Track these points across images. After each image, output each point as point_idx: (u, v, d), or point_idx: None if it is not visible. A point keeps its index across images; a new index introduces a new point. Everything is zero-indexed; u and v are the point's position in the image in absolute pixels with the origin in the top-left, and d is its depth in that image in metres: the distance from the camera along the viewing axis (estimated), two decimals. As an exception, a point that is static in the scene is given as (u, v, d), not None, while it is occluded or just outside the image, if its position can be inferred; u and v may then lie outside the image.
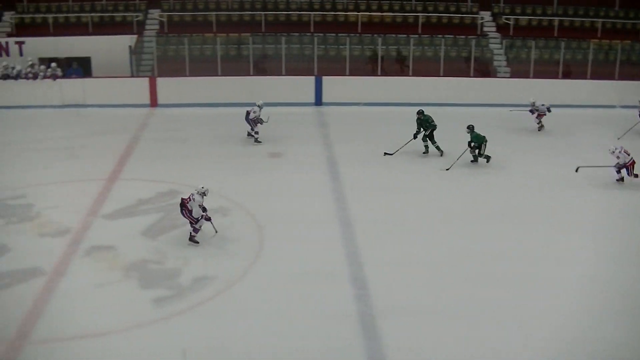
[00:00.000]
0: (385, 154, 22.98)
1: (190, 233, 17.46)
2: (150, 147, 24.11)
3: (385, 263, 16.45)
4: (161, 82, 29.59)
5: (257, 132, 24.42)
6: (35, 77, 29.95)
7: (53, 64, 30.12)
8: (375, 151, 23.35)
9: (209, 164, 22.44)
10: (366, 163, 22.25)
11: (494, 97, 29.77)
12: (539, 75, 31.19)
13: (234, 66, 30.44)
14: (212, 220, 17.44)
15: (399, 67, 31.72)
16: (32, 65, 30.21)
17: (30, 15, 33.89)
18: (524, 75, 31.33)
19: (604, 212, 19.60)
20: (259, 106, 24.35)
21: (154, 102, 29.58)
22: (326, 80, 29.54)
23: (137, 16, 33.48)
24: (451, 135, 23.50)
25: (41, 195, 20.39)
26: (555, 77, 31.45)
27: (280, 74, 30.01)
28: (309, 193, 20.34)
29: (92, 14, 33.54)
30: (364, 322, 14.21)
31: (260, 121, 24.34)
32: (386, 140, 24.16)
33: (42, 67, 30.14)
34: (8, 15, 33.74)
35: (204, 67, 30.63)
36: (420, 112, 23.13)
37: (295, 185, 20.83)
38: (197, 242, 17.44)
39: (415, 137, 23.11)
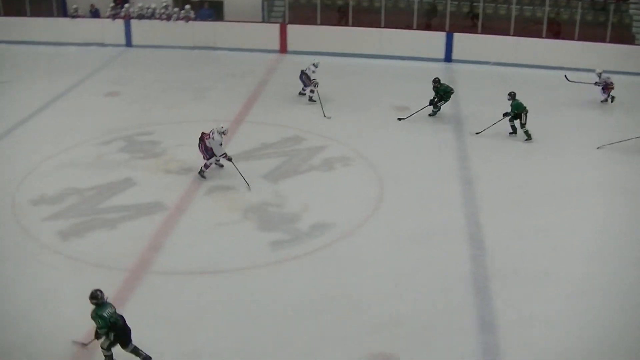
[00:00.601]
0: (399, 119, 22.14)
1: (201, 167, 18.02)
2: (277, 92, 24.18)
3: (503, 226, 16.08)
4: (292, 29, 29.55)
5: (312, 91, 23.41)
6: (168, 18, 30.35)
7: (187, 6, 30.44)
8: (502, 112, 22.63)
9: (333, 113, 22.33)
10: (494, 125, 21.63)
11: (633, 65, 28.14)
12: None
13: (365, 17, 30.13)
14: (233, 161, 17.74)
15: (533, 27, 30.64)
16: (166, 7, 30.63)
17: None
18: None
19: None
20: (314, 65, 23.40)
21: (283, 49, 29.59)
22: (457, 37, 28.92)
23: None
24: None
25: (168, 134, 20.81)
26: None
27: (411, 28, 29.52)
28: (432, 150, 20.03)
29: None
30: (477, 282, 14.00)
31: (314, 84, 23.31)
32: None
33: (176, 9, 30.50)
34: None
35: (334, 16, 30.44)
36: (436, 81, 21.89)
37: (418, 141, 20.52)
38: (205, 178, 17.99)
39: (431, 103, 22.02)
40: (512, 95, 20.54)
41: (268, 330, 12.69)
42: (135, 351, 11.63)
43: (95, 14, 31.36)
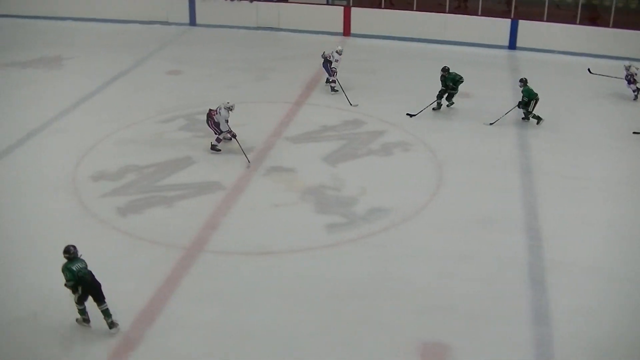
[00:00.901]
0: (408, 115, 21.08)
1: (212, 142, 18.47)
2: (339, 75, 24.11)
3: (562, 216, 15.81)
4: (356, 12, 29.38)
5: (333, 81, 22.72)
6: (233, -2, 30.45)
7: (252, -14, 30.49)
8: (566, 103, 22.30)
9: (396, 96, 22.13)
10: (554, 114, 21.28)
11: None
12: None
13: (431, 1, 29.82)
14: (237, 138, 18.01)
15: (596, 15, 29.90)
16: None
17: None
18: None
19: None
20: (338, 52, 22.53)
21: (346, 31, 29.44)
22: (522, 24, 28.47)
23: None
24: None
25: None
26: None
27: (476, 14, 29.16)
28: (493, 137, 19.72)
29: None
30: (532, 273, 13.81)
31: (334, 72, 22.58)
32: (580, 93, 23.11)
33: (241, -12, 30.55)
34: None
35: (398, 0, 30.20)
36: (445, 70, 21.02)
37: (479, 128, 20.21)
38: (219, 150, 18.45)
39: (440, 97, 21.23)
40: (523, 82, 20.22)
41: (319, 312, 12.71)
42: (107, 313, 12.04)
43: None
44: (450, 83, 20.91)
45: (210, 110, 18.32)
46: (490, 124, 20.36)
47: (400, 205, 16.02)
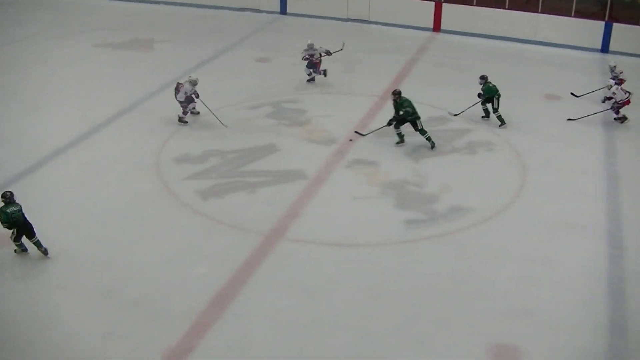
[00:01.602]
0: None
1: (179, 115, 19.48)
2: (426, 71, 23.95)
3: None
4: (447, 7, 29.12)
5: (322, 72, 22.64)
6: (325, -12, 30.49)
7: (344, -22, 30.49)
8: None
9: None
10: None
11: None
12: None
13: (522, 1, 29.38)
14: (202, 99, 19.31)
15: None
16: (322, -23, 30.76)
17: None
18: None
19: None
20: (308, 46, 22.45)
21: (436, 27, 29.20)
22: (617, 27, 27.84)
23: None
24: None
25: (314, 103, 20.97)
26: None
27: (568, 15, 28.63)
28: (579, 140, 19.34)
29: None
30: (612, 282, 13.50)
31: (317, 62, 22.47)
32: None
33: (333, -21, 30.60)
34: None
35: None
36: (396, 93, 18.44)
37: (567, 131, 19.83)
38: (187, 122, 19.52)
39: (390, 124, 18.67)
40: (484, 79, 19.91)
41: (395, 307, 12.69)
42: (38, 244, 13.67)
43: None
44: (401, 110, 18.30)
45: (177, 83, 19.31)
46: (455, 114, 20.31)
47: (481, 205, 15.86)
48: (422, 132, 18.36)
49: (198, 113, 19.76)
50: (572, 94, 22.00)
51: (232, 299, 12.74)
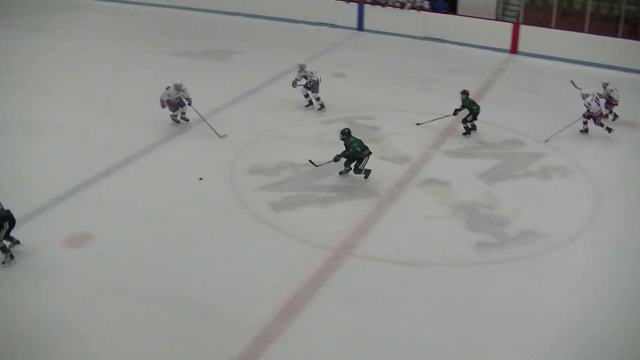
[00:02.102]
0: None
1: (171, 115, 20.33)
2: (502, 92, 23.76)
3: None
4: (525, 29, 28.90)
5: (318, 99, 21.77)
6: (402, 6, 30.46)
7: (422, -4, 30.54)
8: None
9: (560, 121, 21.46)
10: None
11: None
12: None
13: (603, 25, 28.97)
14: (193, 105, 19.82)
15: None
16: (400, -5, 30.84)
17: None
18: None
19: None
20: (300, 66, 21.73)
21: (514, 49, 28.98)
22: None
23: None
24: None
25: (388, 120, 20.97)
26: None
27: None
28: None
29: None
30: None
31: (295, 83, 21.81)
32: None
33: (411, -3, 30.66)
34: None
35: (570, 21, 29.46)
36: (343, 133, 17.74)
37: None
38: (179, 121, 20.29)
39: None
40: (465, 94, 20.21)
41: (460, 327, 12.63)
42: (12, 239, 14.13)
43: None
44: (350, 149, 17.49)
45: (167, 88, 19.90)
46: (418, 124, 20.54)
47: (553, 231, 15.65)
48: (360, 171, 17.50)
49: (187, 120, 20.31)
50: (572, 82, 22.33)
51: (299, 311, 12.82)
